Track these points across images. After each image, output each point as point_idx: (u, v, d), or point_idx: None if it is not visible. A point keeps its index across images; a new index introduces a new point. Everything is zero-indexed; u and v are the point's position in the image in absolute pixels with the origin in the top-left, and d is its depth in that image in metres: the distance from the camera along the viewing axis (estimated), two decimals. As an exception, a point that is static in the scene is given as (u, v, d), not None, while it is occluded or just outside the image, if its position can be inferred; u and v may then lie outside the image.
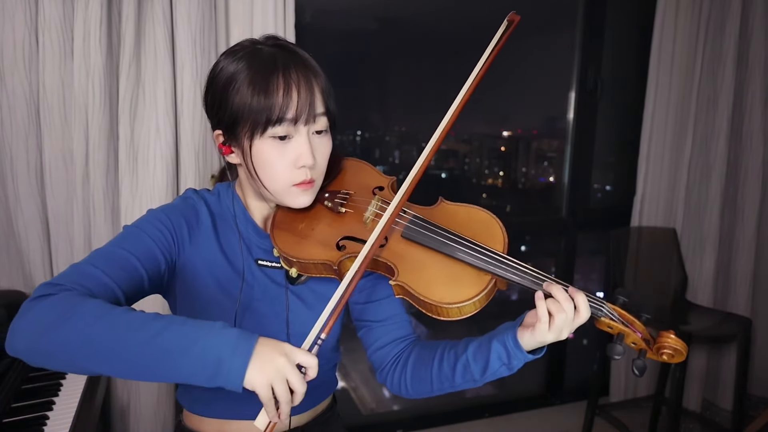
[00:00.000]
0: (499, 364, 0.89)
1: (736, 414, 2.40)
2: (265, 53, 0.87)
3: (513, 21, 0.98)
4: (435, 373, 0.96)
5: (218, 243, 0.94)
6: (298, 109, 0.84)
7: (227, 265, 0.95)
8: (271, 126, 0.84)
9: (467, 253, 0.86)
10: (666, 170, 2.56)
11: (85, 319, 0.69)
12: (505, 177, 2.79)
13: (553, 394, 2.81)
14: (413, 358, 1.01)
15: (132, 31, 1.60)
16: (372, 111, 2.53)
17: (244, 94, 0.84)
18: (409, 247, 0.90)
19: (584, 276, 2.96)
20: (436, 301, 0.84)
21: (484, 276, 0.86)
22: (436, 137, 0.93)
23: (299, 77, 0.85)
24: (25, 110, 1.56)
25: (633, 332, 0.86)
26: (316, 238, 0.93)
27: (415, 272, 0.87)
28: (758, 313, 2.62)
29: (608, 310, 0.86)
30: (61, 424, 1.24)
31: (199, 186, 1.73)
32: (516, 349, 0.86)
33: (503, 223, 0.93)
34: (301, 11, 1.94)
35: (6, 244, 1.62)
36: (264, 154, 0.87)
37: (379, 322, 1.04)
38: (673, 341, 0.85)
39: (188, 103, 1.69)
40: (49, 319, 0.69)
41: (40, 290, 0.74)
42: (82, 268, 0.79)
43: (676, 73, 2.48)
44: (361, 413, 2.55)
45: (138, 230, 0.87)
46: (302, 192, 0.90)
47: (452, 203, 0.98)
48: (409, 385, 1.00)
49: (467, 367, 0.92)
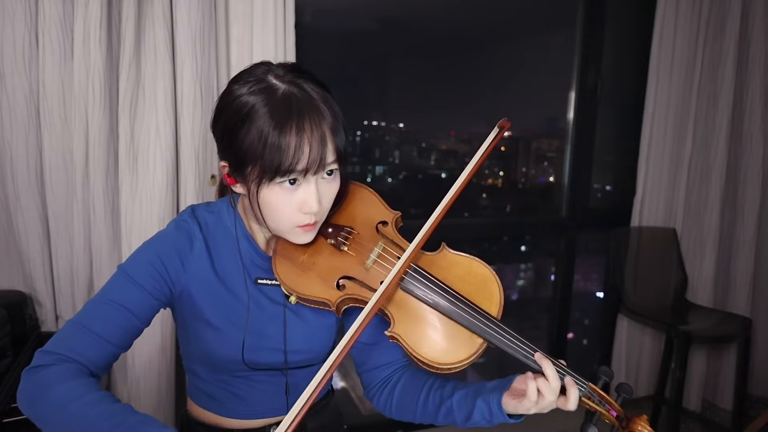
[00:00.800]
0: (480, 418, 0.93)
1: (736, 414, 2.40)
2: (281, 93, 0.83)
3: (504, 127, 1.03)
4: (420, 406, 0.99)
5: (212, 266, 0.94)
6: (309, 162, 0.83)
7: (224, 291, 0.95)
8: (280, 176, 0.83)
9: (462, 317, 0.88)
10: (666, 170, 2.56)
11: (59, 403, 0.77)
12: (505, 177, 2.79)
13: (553, 394, 2.81)
14: (401, 385, 1.03)
15: (132, 31, 1.60)
16: (372, 111, 2.53)
17: (255, 138, 0.82)
18: (407, 299, 0.91)
19: (584, 276, 2.96)
20: (426, 359, 0.87)
21: (476, 339, 0.88)
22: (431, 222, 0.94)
23: (312, 128, 0.82)
24: (25, 110, 1.56)
25: (608, 413, 0.91)
26: (316, 272, 0.93)
27: (410, 326, 0.89)
28: (758, 313, 2.63)
29: (588, 390, 0.91)
30: (61, 424, 1.24)
31: (199, 186, 1.74)
32: (498, 412, 0.91)
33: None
34: (301, 11, 1.94)
35: (6, 244, 1.62)
36: (270, 197, 0.86)
37: (370, 345, 1.04)
38: (644, 428, 0.91)
39: (188, 103, 1.69)
40: (32, 394, 0.79)
41: (36, 359, 0.81)
42: (76, 332, 0.84)
43: (676, 73, 2.48)
44: (361, 413, 2.55)
45: (131, 279, 0.88)
46: (304, 233, 0.90)
47: (454, 252, 0.97)
48: (394, 410, 1.04)
49: (450, 412, 0.95)
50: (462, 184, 0.96)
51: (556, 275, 2.79)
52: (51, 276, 1.66)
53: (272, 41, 1.76)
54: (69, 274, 1.68)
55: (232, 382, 0.99)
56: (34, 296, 1.65)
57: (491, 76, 2.58)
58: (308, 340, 0.99)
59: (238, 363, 0.95)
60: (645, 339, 2.66)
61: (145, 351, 1.73)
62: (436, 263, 0.95)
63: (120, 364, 1.77)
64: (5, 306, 1.46)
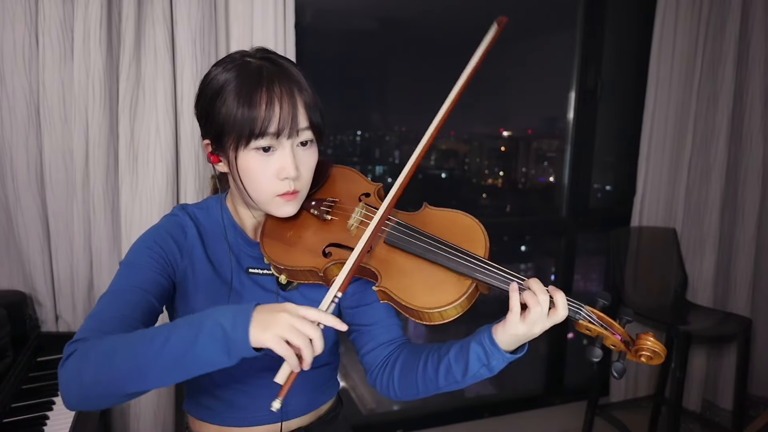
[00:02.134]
0: (479, 365, 0.89)
1: (736, 414, 2.40)
2: (253, 66, 0.89)
3: (501, 23, 1.01)
4: (420, 375, 0.97)
5: (206, 255, 0.97)
6: (280, 123, 0.86)
7: (216, 276, 0.97)
8: (254, 139, 0.86)
9: (447, 259, 0.87)
10: (666, 170, 2.56)
11: (106, 355, 0.75)
12: (505, 177, 2.79)
13: (553, 394, 2.81)
14: (401, 361, 1.02)
15: (132, 31, 1.60)
16: (372, 111, 2.53)
17: (229, 106, 0.86)
18: (392, 253, 0.91)
19: (584, 276, 2.96)
20: (417, 306, 0.85)
21: (465, 281, 0.87)
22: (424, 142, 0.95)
23: (282, 91, 0.86)
24: (25, 110, 1.56)
25: (611, 335, 0.86)
26: (303, 246, 0.95)
27: (398, 278, 0.88)
28: (758, 313, 2.63)
29: (586, 313, 0.86)
30: (61, 424, 1.24)
31: (199, 186, 1.74)
32: (493, 348, 0.87)
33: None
34: (301, 11, 1.94)
35: (6, 244, 1.62)
36: (248, 165, 0.88)
37: (368, 325, 1.05)
38: (652, 344, 0.85)
39: (188, 103, 1.69)
40: (77, 372, 0.76)
41: (65, 351, 0.79)
42: (97, 317, 0.83)
43: (676, 73, 2.48)
44: (361, 413, 2.55)
45: (135, 265, 0.90)
46: (286, 202, 0.92)
47: (436, 208, 0.99)
48: (397, 388, 1.02)
49: (449, 370, 0.93)
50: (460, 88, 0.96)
51: (556, 275, 2.79)
52: (51, 276, 1.66)
53: (272, 41, 1.76)
54: (69, 274, 1.68)
55: (229, 384, 0.99)
56: (34, 296, 1.65)
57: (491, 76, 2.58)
58: None
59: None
60: (645, 339, 2.66)
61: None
62: (419, 219, 0.96)
63: (120, 364, 1.77)
64: (5, 306, 1.46)
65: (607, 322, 0.87)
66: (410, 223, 0.94)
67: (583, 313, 0.86)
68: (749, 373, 2.53)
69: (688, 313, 2.46)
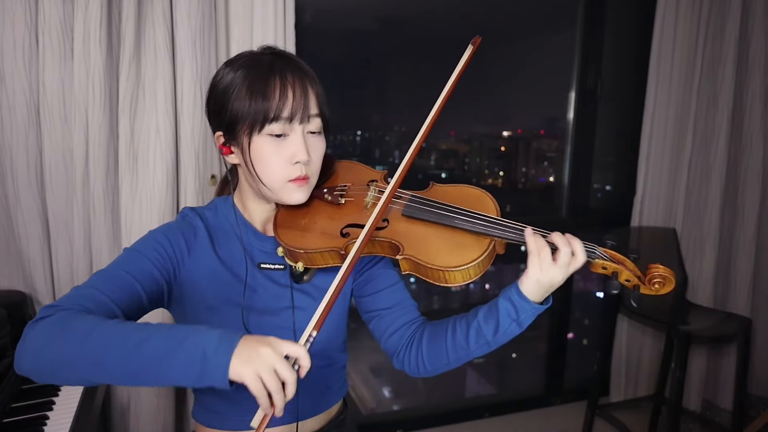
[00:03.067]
0: (509, 321, 0.92)
1: (736, 414, 2.40)
2: (263, 60, 0.92)
3: (476, 42, 1.08)
4: (450, 343, 0.99)
5: (216, 254, 0.98)
6: (293, 108, 0.90)
7: (227, 273, 0.97)
8: (268, 123, 0.89)
9: (465, 221, 0.92)
10: (666, 170, 2.56)
11: (78, 334, 0.73)
12: (505, 177, 2.79)
13: (553, 394, 2.81)
14: (426, 335, 1.04)
15: (132, 31, 1.60)
16: (372, 111, 2.53)
17: (243, 96, 0.89)
18: (411, 225, 0.95)
19: (584, 276, 2.96)
20: (442, 266, 0.88)
21: (484, 239, 0.91)
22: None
23: (294, 79, 0.90)
24: (25, 110, 1.56)
25: (625, 269, 0.93)
26: (319, 230, 0.97)
27: (420, 245, 0.92)
28: (758, 313, 2.62)
29: (601, 252, 0.93)
30: (61, 424, 1.24)
31: (199, 186, 1.74)
32: (521, 300, 0.90)
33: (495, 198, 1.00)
34: (301, 11, 1.94)
35: (6, 244, 1.62)
36: (261, 150, 0.91)
37: (388, 309, 1.08)
38: (662, 270, 0.94)
39: (188, 103, 1.69)
40: (46, 337, 0.74)
41: (41, 312, 0.78)
42: (82, 290, 0.83)
43: (676, 73, 2.48)
44: (361, 413, 2.55)
45: (137, 253, 0.91)
46: (298, 188, 0.94)
47: (444, 185, 1.04)
48: (427, 362, 1.03)
49: (479, 331, 0.95)
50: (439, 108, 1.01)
51: (556, 275, 2.78)
52: (51, 276, 1.66)
53: (272, 41, 1.76)
54: (69, 274, 1.68)
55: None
56: (34, 296, 1.64)
57: (491, 76, 2.57)
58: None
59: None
60: (645, 339, 2.66)
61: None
62: (431, 194, 1.01)
63: (120, 364, 1.77)
64: (5, 306, 1.46)
65: (619, 258, 0.94)
66: (424, 196, 0.98)
67: (597, 252, 0.93)
68: (749, 373, 2.53)
69: (688, 313, 2.45)
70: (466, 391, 2.79)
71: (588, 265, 0.93)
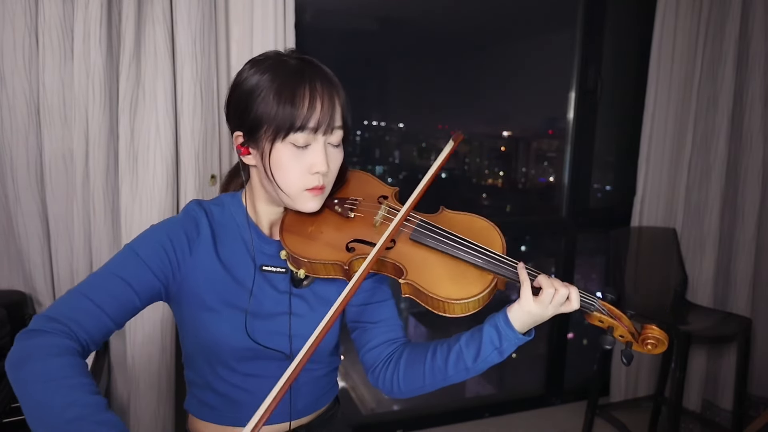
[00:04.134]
0: (491, 348, 0.93)
1: (736, 414, 2.40)
2: (292, 65, 0.92)
3: (457, 140, 1.10)
4: (428, 366, 0.99)
5: (217, 253, 0.97)
6: (320, 120, 0.89)
7: (227, 275, 0.97)
8: (293, 132, 0.89)
9: (471, 254, 0.92)
10: (666, 170, 2.56)
11: (39, 376, 0.74)
12: (505, 177, 2.79)
13: (553, 394, 2.81)
14: (405, 356, 1.04)
15: (132, 31, 1.60)
16: (372, 111, 2.53)
17: (270, 101, 0.89)
18: (417, 249, 0.95)
19: (584, 276, 2.96)
20: (443, 297, 0.89)
21: (487, 275, 0.92)
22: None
23: (324, 90, 0.90)
24: (25, 110, 1.56)
25: (621, 325, 0.94)
26: (325, 241, 0.97)
27: (423, 271, 0.92)
28: (758, 313, 2.62)
29: (599, 306, 0.94)
30: (61, 424, 1.24)
31: (199, 186, 1.74)
32: (507, 328, 0.91)
33: (501, 229, 1.00)
34: (301, 11, 1.94)
35: (6, 244, 1.62)
36: (282, 157, 0.91)
37: (374, 323, 1.07)
38: (657, 332, 0.94)
39: (188, 103, 1.69)
40: (22, 358, 0.76)
41: (35, 322, 0.80)
42: (76, 300, 0.83)
43: (676, 73, 2.48)
44: (361, 413, 2.55)
45: (136, 256, 0.90)
46: (313, 197, 0.95)
47: (453, 212, 1.04)
48: (402, 383, 1.03)
49: (460, 356, 0.96)
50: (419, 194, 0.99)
51: (556, 275, 2.78)
52: (51, 276, 1.66)
53: (272, 41, 1.76)
54: (69, 274, 1.68)
55: (233, 380, 0.99)
56: (34, 296, 1.64)
57: (491, 76, 2.58)
58: (313, 325, 1.00)
59: (239, 347, 0.95)
60: (645, 339, 2.66)
61: (146, 351, 1.74)
62: (440, 221, 1.01)
63: (120, 364, 1.77)
64: (5, 306, 1.46)
65: (617, 314, 0.95)
66: (432, 222, 0.98)
67: (596, 305, 0.94)
68: (749, 373, 2.53)
69: (688, 313, 2.46)
70: (466, 391, 2.79)
71: (585, 315, 0.95)
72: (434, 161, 1.04)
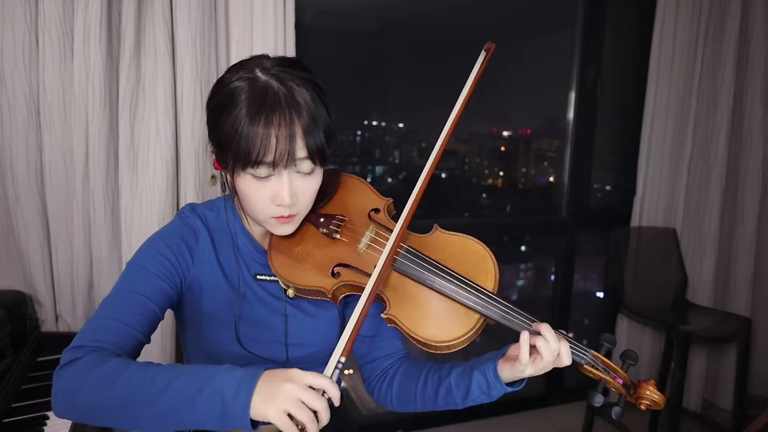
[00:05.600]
0: (479, 392, 0.92)
1: (736, 414, 2.40)
2: (259, 85, 0.84)
3: (490, 49, 1.01)
4: (419, 392, 0.99)
5: (217, 260, 0.96)
6: (276, 155, 0.82)
7: (224, 281, 0.96)
8: (250, 166, 0.84)
9: (458, 293, 0.88)
10: (666, 170, 2.56)
11: (103, 383, 0.73)
12: (505, 177, 2.79)
13: (553, 394, 2.81)
14: (400, 374, 1.04)
15: (132, 31, 1.60)
16: (372, 111, 2.53)
17: (230, 126, 0.84)
18: (402, 281, 0.91)
19: (584, 276, 2.96)
20: (424, 338, 0.86)
21: (473, 315, 0.88)
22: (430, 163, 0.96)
23: (281, 123, 0.82)
24: (25, 110, 1.56)
25: (613, 380, 0.89)
26: (311, 263, 0.94)
27: (406, 307, 0.89)
28: (758, 313, 2.63)
29: (591, 359, 0.90)
30: (61, 423, 1.24)
31: (199, 186, 1.74)
32: (495, 381, 0.90)
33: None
34: (301, 11, 1.94)
35: (6, 244, 1.62)
36: (243, 187, 0.87)
37: (370, 337, 1.07)
38: (652, 393, 0.89)
39: (188, 103, 1.69)
40: (74, 385, 0.75)
41: (65, 357, 0.78)
42: (99, 323, 0.83)
43: (676, 73, 2.47)
44: (361, 413, 2.55)
45: (144, 270, 0.89)
46: (281, 224, 0.91)
47: (447, 232, 0.98)
48: (395, 400, 1.04)
49: (449, 392, 0.95)
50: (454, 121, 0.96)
51: (556, 275, 2.79)
52: (51, 276, 1.66)
53: (272, 41, 1.76)
54: (69, 274, 1.68)
55: None
56: (34, 296, 1.65)
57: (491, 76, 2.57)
58: (310, 333, 1.01)
59: (237, 354, 0.95)
60: (645, 339, 2.66)
61: (146, 351, 1.72)
62: (430, 244, 0.96)
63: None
64: (5, 306, 1.46)
65: (611, 367, 0.90)
66: (421, 250, 0.93)
67: (588, 358, 0.90)
68: (749, 373, 2.53)
69: (688, 313, 2.46)
70: (466, 391, 2.79)
71: (577, 366, 0.91)
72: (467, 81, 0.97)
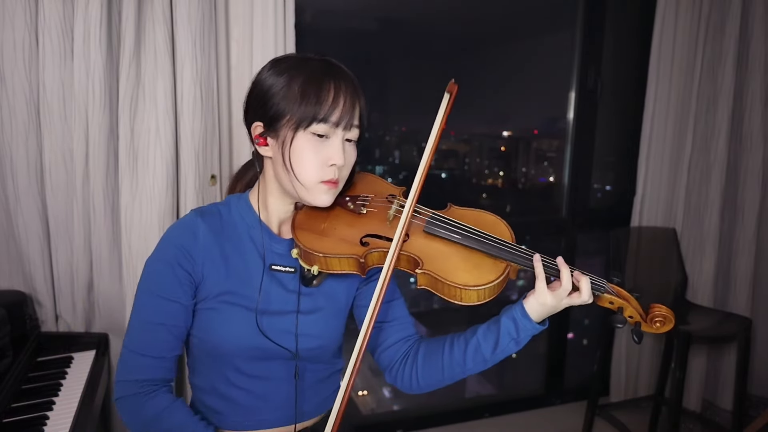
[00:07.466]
0: (508, 339, 0.96)
1: (736, 414, 2.40)
2: (315, 63, 0.96)
3: (452, 91, 1.09)
4: (446, 360, 1.02)
5: (222, 254, 0.97)
6: (341, 114, 0.93)
7: (233, 274, 0.97)
8: (316, 123, 0.92)
9: (484, 244, 0.95)
10: (666, 170, 2.56)
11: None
12: (505, 177, 2.79)
13: (553, 394, 2.81)
14: (422, 351, 1.06)
15: (132, 31, 1.60)
16: (372, 111, 2.52)
17: (295, 92, 0.92)
18: (431, 242, 0.98)
19: (584, 276, 2.96)
20: (460, 284, 0.91)
21: (500, 263, 0.95)
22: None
23: (347, 89, 0.94)
24: (25, 110, 1.56)
25: (630, 305, 0.97)
26: (338, 237, 0.99)
27: (439, 262, 0.95)
28: (758, 313, 2.62)
29: (609, 288, 0.98)
30: (61, 424, 1.24)
31: (199, 186, 1.74)
32: (524, 319, 0.94)
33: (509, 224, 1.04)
34: (301, 11, 1.94)
35: (6, 244, 1.62)
36: (302, 147, 0.93)
37: (388, 322, 1.09)
38: (664, 310, 0.99)
39: (188, 103, 1.69)
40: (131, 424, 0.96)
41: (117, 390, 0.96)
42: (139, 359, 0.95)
43: (676, 73, 2.48)
44: (361, 413, 2.55)
45: (162, 297, 0.95)
46: (327, 190, 0.96)
47: (461, 208, 1.07)
48: (420, 378, 1.05)
49: (478, 348, 0.98)
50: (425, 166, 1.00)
51: (556, 275, 2.78)
52: (51, 276, 1.66)
53: (272, 41, 1.76)
54: (69, 274, 1.68)
55: (239, 383, 0.99)
56: (34, 296, 1.65)
57: (491, 76, 2.58)
58: (320, 324, 1.03)
59: (247, 346, 0.97)
60: (645, 339, 2.66)
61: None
62: (449, 215, 1.03)
63: (120, 364, 1.77)
64: (5, 306, 1.46)
65: (625, 295, 0.98)
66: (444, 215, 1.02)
67: (606, 288, 0.97)
68: (749, 373, 2.52)
69: (688, 313, 2.46)
70: (466, 391, 2.79)
71: (596, 298, 0.97)
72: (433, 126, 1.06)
